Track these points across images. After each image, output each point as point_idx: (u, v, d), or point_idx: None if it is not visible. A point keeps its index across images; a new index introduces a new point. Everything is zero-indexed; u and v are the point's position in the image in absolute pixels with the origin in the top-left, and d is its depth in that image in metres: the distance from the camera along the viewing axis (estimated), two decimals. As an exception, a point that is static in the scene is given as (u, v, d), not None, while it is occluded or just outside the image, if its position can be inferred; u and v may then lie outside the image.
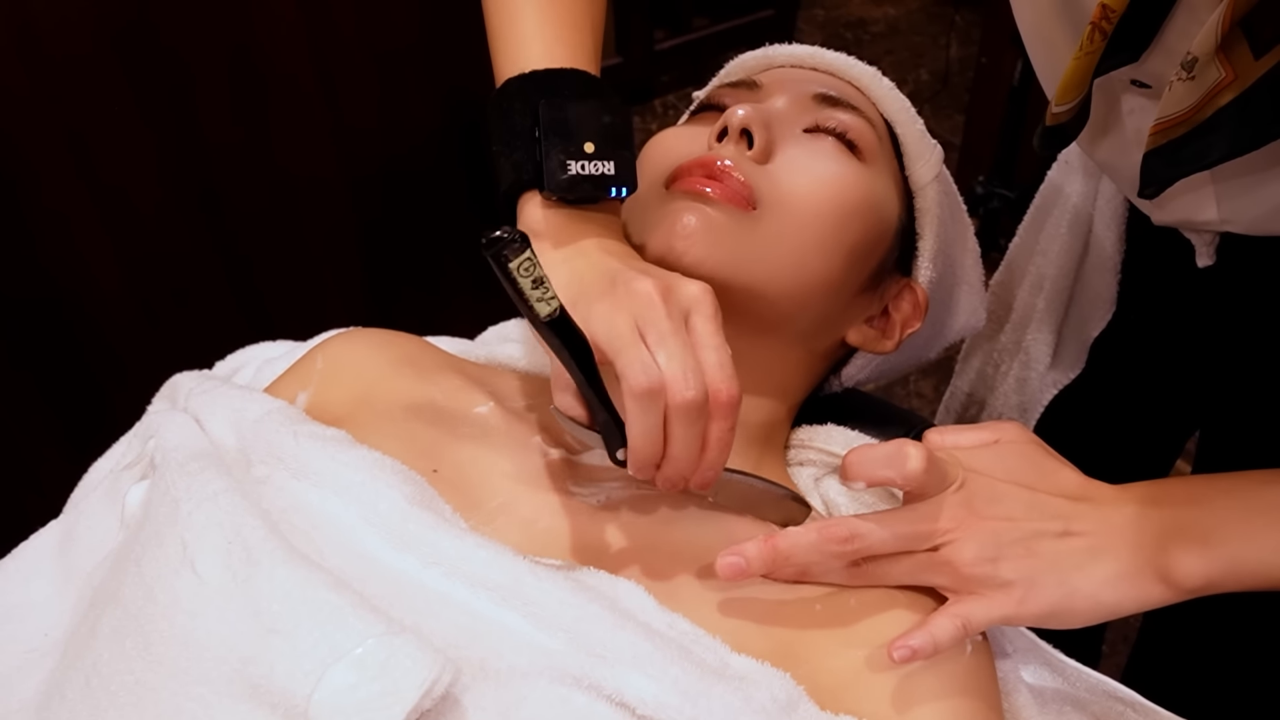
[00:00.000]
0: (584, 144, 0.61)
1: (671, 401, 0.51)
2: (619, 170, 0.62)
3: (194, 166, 1.23)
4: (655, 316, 0.53)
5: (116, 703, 0.51)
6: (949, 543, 0.56)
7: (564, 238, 0.61)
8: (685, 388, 0.51)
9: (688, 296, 0.55)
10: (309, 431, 0.62)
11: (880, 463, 0.56)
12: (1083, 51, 0.59)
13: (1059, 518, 0.57)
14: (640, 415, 0.52)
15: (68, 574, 0.65)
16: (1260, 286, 0.74)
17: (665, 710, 0.48)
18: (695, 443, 0.53)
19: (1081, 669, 0.68)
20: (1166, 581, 0.55)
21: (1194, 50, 0.53)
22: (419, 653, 0.48)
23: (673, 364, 0.51)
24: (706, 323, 0.54)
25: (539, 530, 0.61)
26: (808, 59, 0.77)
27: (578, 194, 0.61)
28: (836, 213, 0.67)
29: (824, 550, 0.57)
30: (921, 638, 0.55)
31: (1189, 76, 0.54)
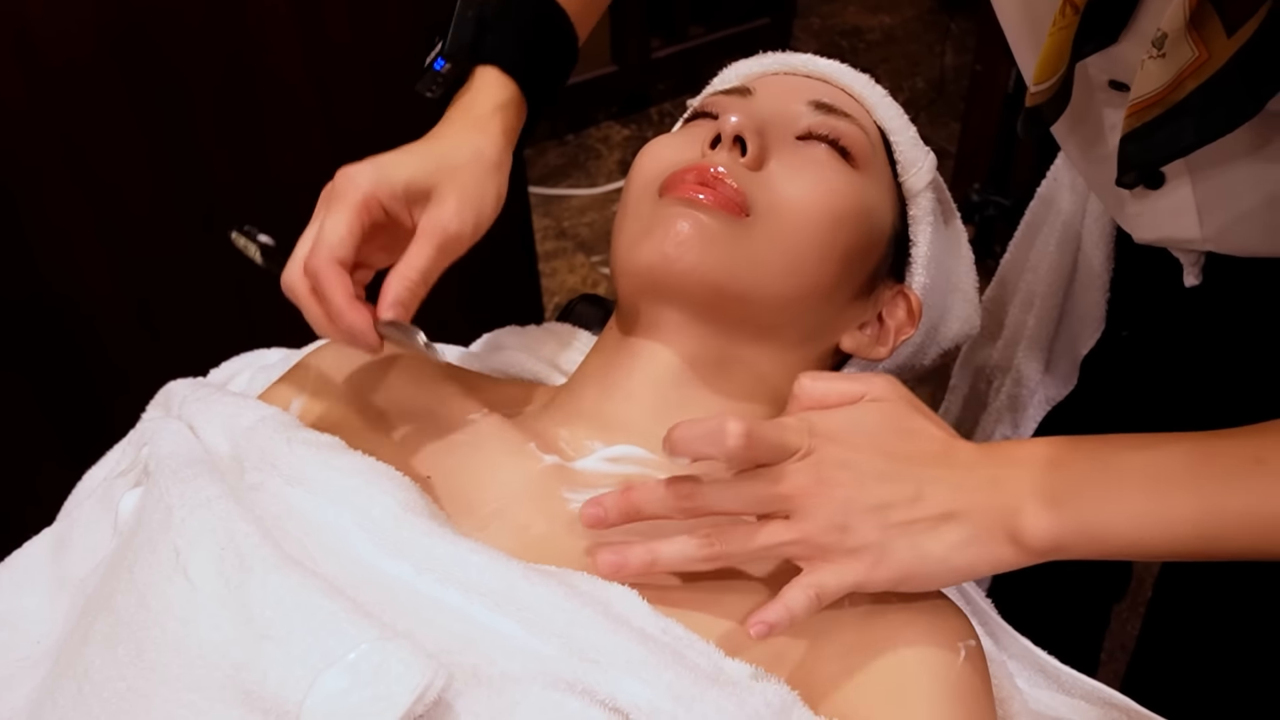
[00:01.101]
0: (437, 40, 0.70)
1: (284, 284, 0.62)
2: (444, 47, 0.70)
3: (190, 174, 1.23)
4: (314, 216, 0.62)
5: (108, 710, 0.51)
6: (797, 509, 0.54)
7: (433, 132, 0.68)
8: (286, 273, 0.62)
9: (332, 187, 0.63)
10: (302, 438, 0.62)
11: (701, 439, 0.53)
12: (1056, 27, 0.58)
13: (911, 482, 0.55)
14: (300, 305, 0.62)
15: (60, 582, 0.65)
16: (1247, 307, 0.73)
17: (659, 715, 0.48)
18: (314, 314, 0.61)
19: (1077, 676, 0.68)
20: (1016, 542, 0.54)
21: (1164, 26, 0.51)
22: (412, 658, 0.48)
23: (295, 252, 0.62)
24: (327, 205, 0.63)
25: (532, 536, 0.61)
26: (801, 66, 0.77)
27: (425, 85, 0.71)
28: (830, 219, 0.67)
29: (670, 504, 0.56)
30: (776, 611, 0.53)
31: (1159, 54, 0.52)
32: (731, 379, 0.68)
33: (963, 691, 0.55)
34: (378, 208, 0.62)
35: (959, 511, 0.55)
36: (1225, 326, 0.75)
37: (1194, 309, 0.75)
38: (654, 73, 2.77)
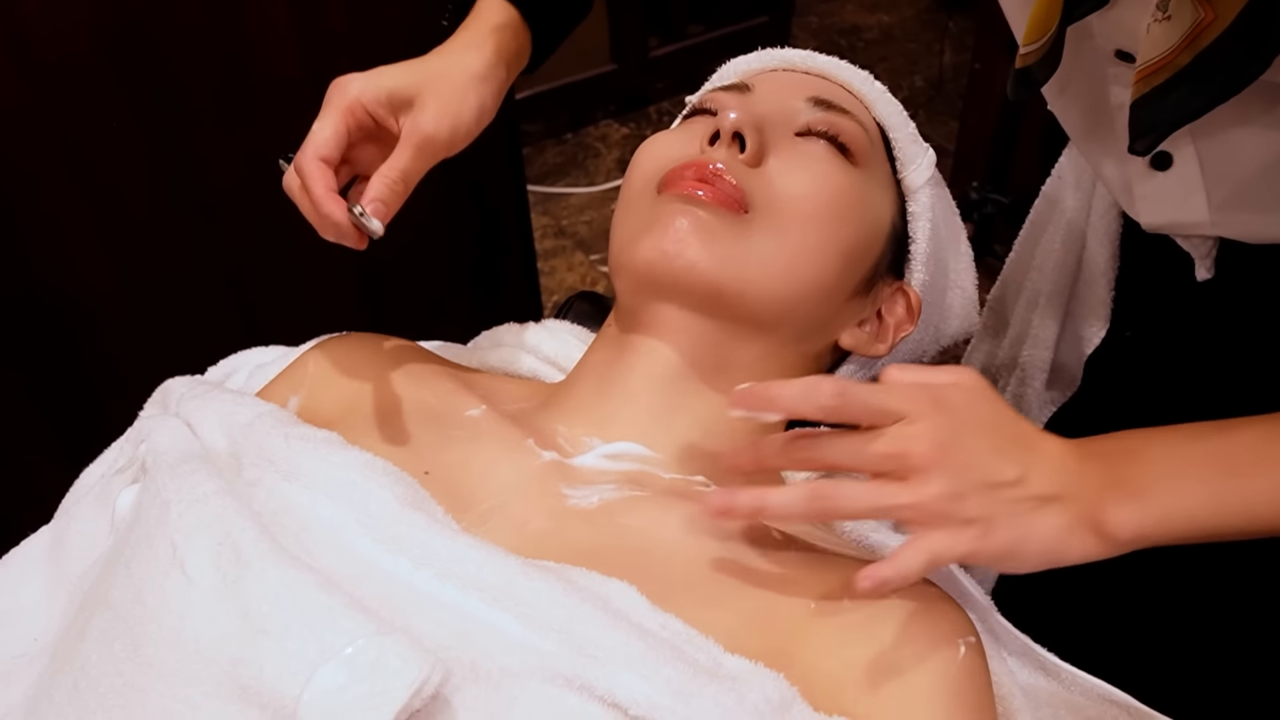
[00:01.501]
0: None
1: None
2: None
3: (187, 172, 1.22)
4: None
5: (105, 705, 0.51)
6: (914, 474, 0.53)
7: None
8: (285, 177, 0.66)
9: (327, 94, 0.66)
10: (300, 434, 0.62)
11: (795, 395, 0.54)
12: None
13: (1018, 464, 0.55)
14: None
15: (58, 579, 0.65)
16: (1260, 302, 0.72)
17: (658, 711, 0.48)
18: (305, 207, 0.65)
19: (1076, 673, 0.67)
20: (1101, 535, 0.55)
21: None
22: (409, 653, 0.48)
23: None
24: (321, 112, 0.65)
25: (531, 532, 0.61)
26: (800, 62, 0.77)
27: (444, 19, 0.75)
28: (829, 216, 0.67)
29: (790, 455, 0.56)
30: (892, 569, 0.53)
31: (1165, 16, 0.52)
32: (730, 376, 0.68)
33: (963, 688, 0.55)
34: (362, 111, 0.65)
35: (1058, 496, 0.55)
36: (1236, 325, 0.74)
37: (1204, 307, 0.75)
38: (652, 71, 2.77)
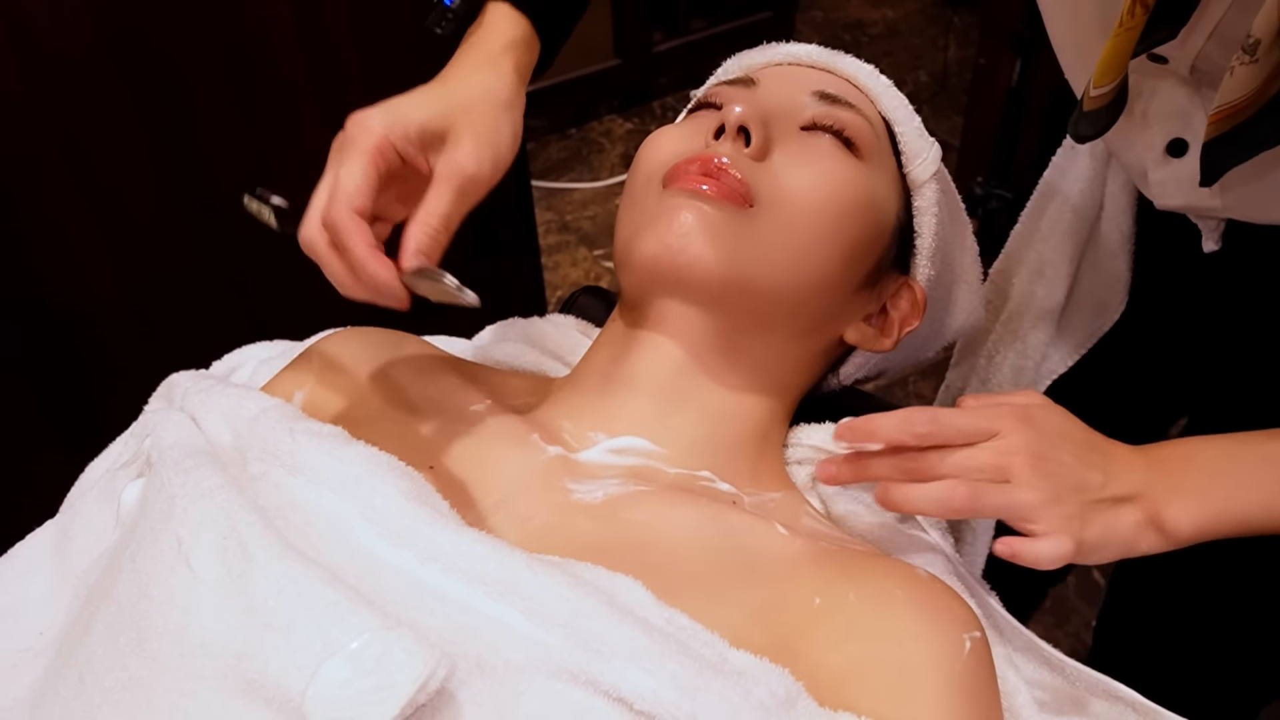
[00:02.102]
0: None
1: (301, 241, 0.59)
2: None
3: (189, 169, 1.22)
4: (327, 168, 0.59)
5: (110, 699, 0.51)
6: (1018, 476, 0.59)
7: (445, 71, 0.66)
8: (302, 231, 0.59)
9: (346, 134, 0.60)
10: (305, 428, 0.62)
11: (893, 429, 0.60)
12: (1123, 27, 0.59)
13: (1098, 469, 0.60)
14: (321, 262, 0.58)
15: (63, 573, 0.65)
16: (1264, 274, 0.75)
17: (663, 705, 0.48)
18: (332, 271, 0.58)
19: (1081, 668, 0.67)
20: (1162, 531, 0.60)
21: (1255, 32, 0.52)
22: (414, 647, 0.47)
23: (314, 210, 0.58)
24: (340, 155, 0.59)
25: (536, 527, 0.61)
26: (805, 57, 0.77)
27: (439, 25, 0.68)
28: (834, 210, 0.67)
29: (904, 429, 0.60)
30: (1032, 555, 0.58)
31: (1252, 60, 0.54)
32: (735, 371, 0.68)
33: (967, 683, 0.55)
34: (392, 153, 0.59)
35: (1132, 497, 0.60)
36: (1239, 296, 0.78)
37: (1210, 277, 0.78)
38: (656, 66, 2.77)
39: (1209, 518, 0.60)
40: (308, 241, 0.58)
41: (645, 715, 0.48)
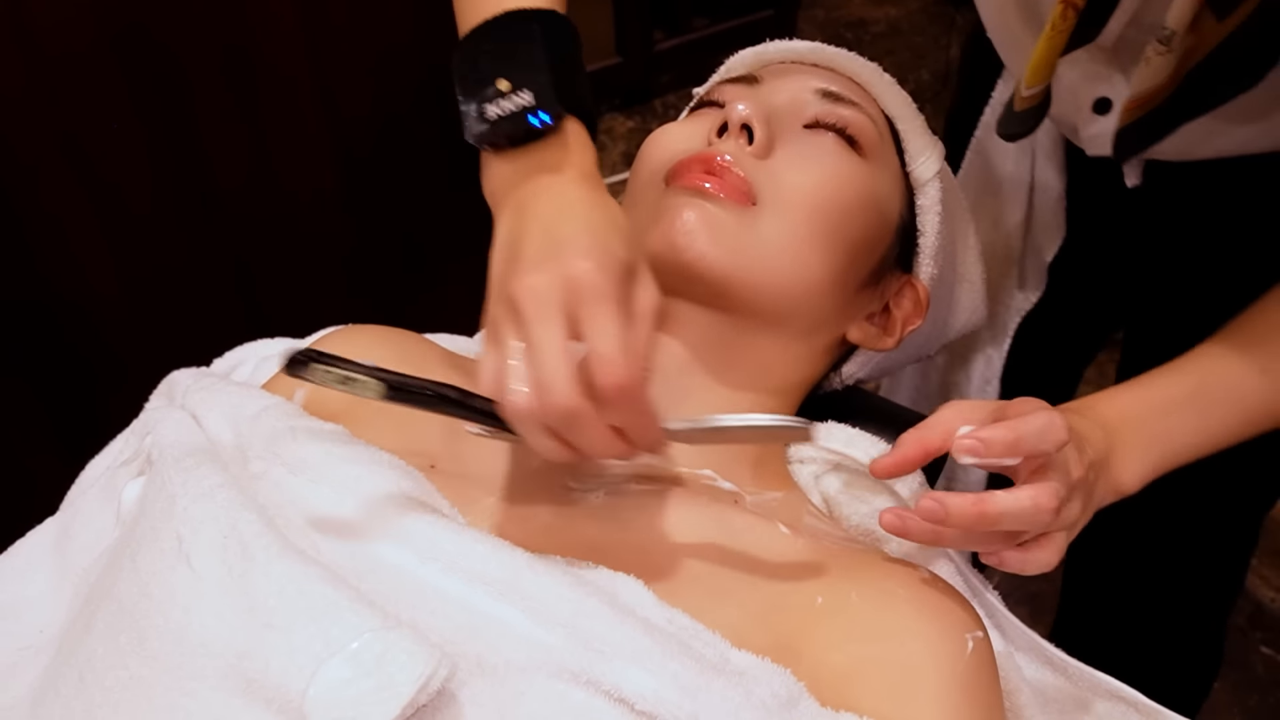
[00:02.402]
0: (496, 82, 0.57)
1: (544, 415, 0.50)
2: (539, 97, 0.57)
3: (190, 166, 1.22)
4: (525, 325, 0.51)
5: (110, 699, 0.51)
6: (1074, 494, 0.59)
7: (503, 192, 0.58)
8: (549, 402, 0.50)
9: (565, 284, 0.51)
10: (306, 427, 0.62)
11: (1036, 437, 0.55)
12: (1055, 30, 0.61)
13: (1091, 448, 0.61)
14: (522, 432, 0.51)
15: (63, 570, 0.65)
16: (1181, 203, 0.81)
17: (664, 705, 0.48)
18: (592, 439, 0.51)
19: (1084, 668, 0.67)
20: (1117, 490, 0.64)
21: (1170, 24, 0.56)
22: (415, 647, 0.47)
23: (538, 377, 0.50)
24: (588, 308, 0.51)
25: (537, 526, 0.61)
26: (809, 55, 0.76)
27: (502, 137, 0.57)
28: (837, 209, 0.67)
29: (1035, 520, 0.56)
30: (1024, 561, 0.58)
31: (1167, 50, 0.57)
32: (737, 369, 0.68)
33: (970, 683, 0.55)
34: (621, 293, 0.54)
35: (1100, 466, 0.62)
36: (1161, 223, 0.84)
37: (1135, 208, 0.83)
38: (657, 65, 2.76)
39: (1149, 467, 0.64)
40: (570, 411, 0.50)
41: (647, 715, 0.48)
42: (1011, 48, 0.77)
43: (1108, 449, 0.63)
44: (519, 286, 0.52)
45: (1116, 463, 0.63)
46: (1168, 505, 0.71)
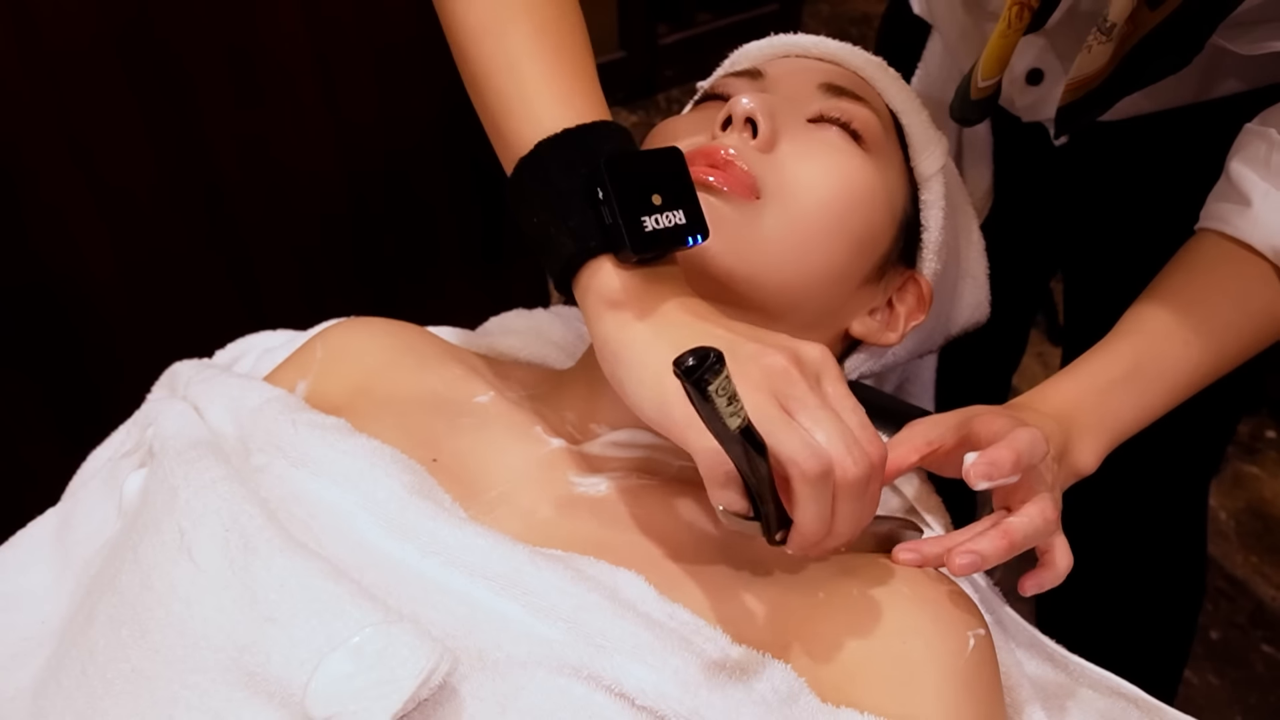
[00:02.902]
0: (651, 196, 0.57)
1: (841, 480, 0.50)
2: (689, 218, 0.57)
3: (193, 160, 1.22)
4: (799, 392, 0.52)
5: (112, 691, 0.51)
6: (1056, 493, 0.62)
7: (648, 304, 0.57)
8: (853, 465, 0.50)
9: (814, 361, 0.54)
10: (308, 420, 0.62)
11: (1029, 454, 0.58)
12: (1010, 29, 0.65)
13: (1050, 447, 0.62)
14: (813, 498, 0.50)
15: (65, 562, 0.65)
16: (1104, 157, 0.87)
17: (665, 701, 0.48)
18: (866, 513, 0.53)
19: (1085, 664, 0.67)
20: (1076, 474, 0.66)
21: (1112, 16, 0.61)
22: (416, 641, 0.47)
23: (834, 441, 0.50)
24: (837, 385, 0.54)
25: (539, 520, 0.61)
26: (813, 48, 0.76)
27: (656, 250, 0.57)
28: (841, 203, 0.66)
29: (1046, 532, 0.59)
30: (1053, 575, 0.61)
31: (1108, 40, 0.62)
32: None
33: (971, 680, 0.55)
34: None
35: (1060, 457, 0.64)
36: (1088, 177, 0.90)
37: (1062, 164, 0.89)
38: (661, 59, 2.76)
39: (1103, 446, 0.67)
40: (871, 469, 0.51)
41: (647, 710, 0.48)
42: (959, 37, 0.83)
43: (1064, 439, 0.65)
44: (777, 359, 0.52)
45: (1074, 449, 0.66)
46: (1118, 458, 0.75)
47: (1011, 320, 1.09)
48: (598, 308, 0.57)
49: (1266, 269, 0.67)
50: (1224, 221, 0.69)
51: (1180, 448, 0.98)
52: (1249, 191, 0.68)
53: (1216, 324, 0.68)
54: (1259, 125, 0.69)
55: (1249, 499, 1.75)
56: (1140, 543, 1.07)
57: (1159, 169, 0.85)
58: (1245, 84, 0.78)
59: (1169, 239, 0.74)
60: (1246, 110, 0.76)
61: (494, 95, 0.62)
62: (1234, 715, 1.47)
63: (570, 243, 0.57)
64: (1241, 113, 0.76)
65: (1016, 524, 0.57)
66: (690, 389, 0.43)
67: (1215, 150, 0.74)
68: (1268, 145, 0.68)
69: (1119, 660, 1.07)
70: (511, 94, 0.61)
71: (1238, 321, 0.69)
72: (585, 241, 0.56)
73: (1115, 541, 1.07)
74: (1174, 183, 0.84)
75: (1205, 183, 0.75)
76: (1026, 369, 1.91)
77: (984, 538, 0.57)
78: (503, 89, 0.62)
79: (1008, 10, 0.65)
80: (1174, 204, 0.82)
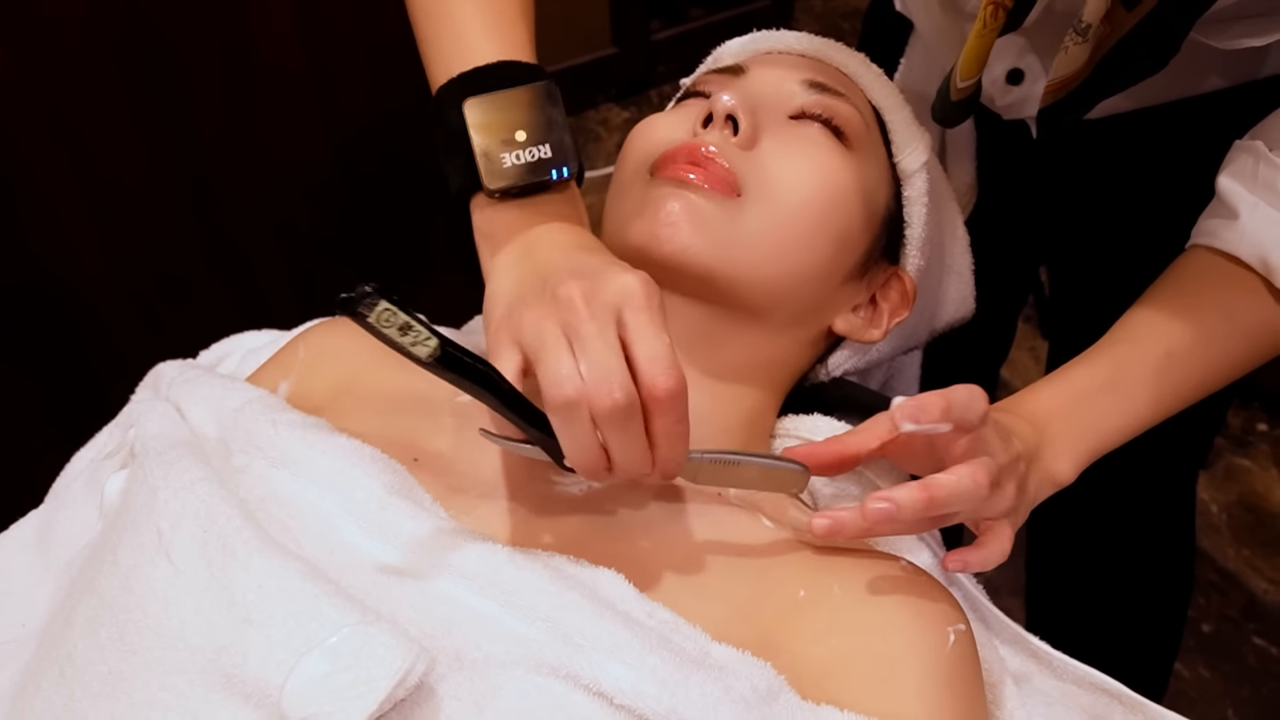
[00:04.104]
0: (514, 133, 0.59)
1: (594, 409, 0.50)
2: (556, 152, 0.60)
3: (185, 154, 1.22)
4: (577, 321, 0.52)
5: (90, 693, 0.51)
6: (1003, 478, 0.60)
7: (509, 236, 0.59)
8: (606, 393, 0.49)
9: (616, 291, 0.53)
10: (288, 420, 0.62)
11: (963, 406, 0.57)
12: (986, 29, 0.66)
13: (1019, 441, 0.63)
14: (565, 427, 0.51)
15: (46, 564, 0.65)
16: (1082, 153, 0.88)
17: (643, 699, 0.48)
18: (635, 444, 0.52)
19: (1068, 661, 0.67)
20: (1054, 483, 0.66)
21: (1086, 18, 0.62)
22: (393, 642, 0.47)
23: (593, 370, 0.50)
24: (637, 314, 0.52)
25: (519, 520, 0.61)
26: (796, 45, 0.76)
27: (518, 185, 0.60)
28: (822, 200, 0.66)
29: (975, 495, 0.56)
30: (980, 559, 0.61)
31: (1084, 40, 0.63)
32: (722, 360, 0.68)
33: (952, 676, 0.55)
34: None
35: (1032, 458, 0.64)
36: (1067, 170, 0.90)
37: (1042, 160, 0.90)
38: (654, 55, 2.76)
39: (1082, 455, 0.67)
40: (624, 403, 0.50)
41: (625, 709, 0.48)
42: (937, 37, 0.84)
43: (1038, 443, 0.65)
44: (569, 289, 0.52)
45: (1049, 455, 0.65)
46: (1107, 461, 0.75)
47: (998, 315, 1.09)
48: (477, 240, 0.61)
49: (1255, 281, 0.67)
50: (1213, 236, 0.69)
51: (1168, 439, 0.97)
52: (1236, 205, 0.67)
53: (1202, 336, 0.68)
54: (1248, 140, 0.69)
55: (1241, 492, 1.75)
56: (1129, 534, 1.07)
57: (1141, 165, 0.85)
58: (1226, 80, 0.78)
59: (1152, 233, 0.74)
60: (1228, 107, 0.76)
61: (421, 39, 0.67)
62: (1225, 708, 1.47)
63: (457, 179, 0.62)
64: (1223, 109, 0.76)
65: (942, 479, 0.55)
66: (354, 320, 0.46)
67: (1197, 147, 0.74)
68: (1254, 159, 0.68)
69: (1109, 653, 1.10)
70: (432, 37, 0.66)
71: (1225, 334, 0.68)
72: (464, 178, 0.61)
73: (1104, 533, 1.07)
74: (1156, 178, 0.85)
75: (1187, 178, 0.75)
76: (1020, 363, 1.92)
77: (903, 488, 0.55)
78: (426, 34, 0.66)
79: (983, 10, 0.65)
80: (1157, 199, 0.83)
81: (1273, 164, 0.66)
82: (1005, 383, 1.89)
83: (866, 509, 0.54)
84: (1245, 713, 1.47)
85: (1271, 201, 0.66)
